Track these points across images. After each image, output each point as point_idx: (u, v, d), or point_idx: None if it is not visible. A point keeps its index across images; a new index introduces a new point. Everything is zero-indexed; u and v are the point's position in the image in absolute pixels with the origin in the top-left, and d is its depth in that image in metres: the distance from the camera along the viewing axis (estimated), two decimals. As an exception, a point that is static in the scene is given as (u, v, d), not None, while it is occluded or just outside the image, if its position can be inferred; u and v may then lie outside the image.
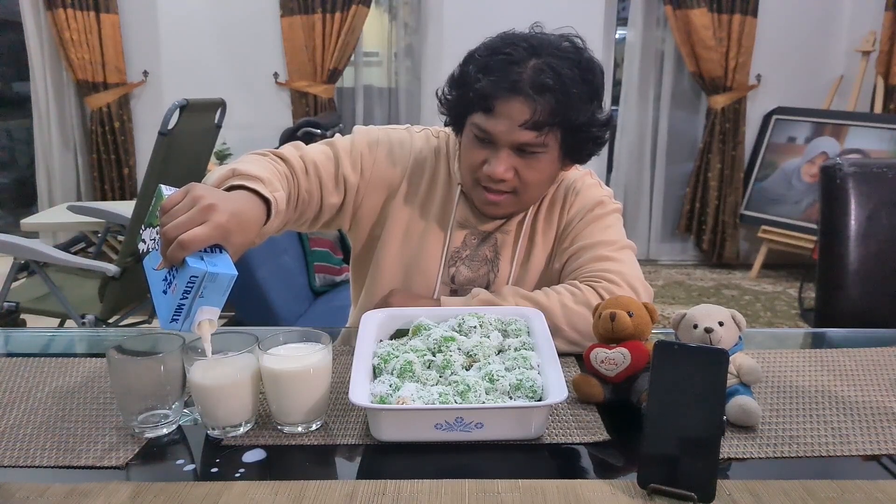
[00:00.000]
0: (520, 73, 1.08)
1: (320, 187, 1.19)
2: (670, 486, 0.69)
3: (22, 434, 0.83)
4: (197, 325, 0.81)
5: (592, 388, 0.89)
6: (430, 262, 1.24)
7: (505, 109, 1.09)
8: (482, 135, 1.12)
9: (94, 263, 2.51)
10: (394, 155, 1.25)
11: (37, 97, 4.34)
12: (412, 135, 1.29)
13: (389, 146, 1.25)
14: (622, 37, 4.65)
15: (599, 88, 1.14)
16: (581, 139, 1.14)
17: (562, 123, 1.10)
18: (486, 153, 1.13)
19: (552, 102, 1.07)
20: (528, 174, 1.14)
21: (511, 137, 1.10)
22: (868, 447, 0.81)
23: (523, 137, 1.10)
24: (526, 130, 1.09)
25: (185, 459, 0.78)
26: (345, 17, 4.18)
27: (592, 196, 1.26)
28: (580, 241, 1.21)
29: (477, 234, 1.26)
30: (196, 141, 2.70)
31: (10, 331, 1.30)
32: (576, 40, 1.15)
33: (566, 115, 1.09)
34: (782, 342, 1.22)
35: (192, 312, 0.81)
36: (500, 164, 1.11)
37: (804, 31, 4.35)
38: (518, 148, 1.11)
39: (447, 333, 0.94)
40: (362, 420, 0.85)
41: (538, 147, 1.11)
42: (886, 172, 1.47)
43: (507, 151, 1.12)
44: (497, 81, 1.08)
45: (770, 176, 4.39)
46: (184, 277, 0.79)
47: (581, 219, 1.23)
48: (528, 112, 1.07)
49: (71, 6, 4.11)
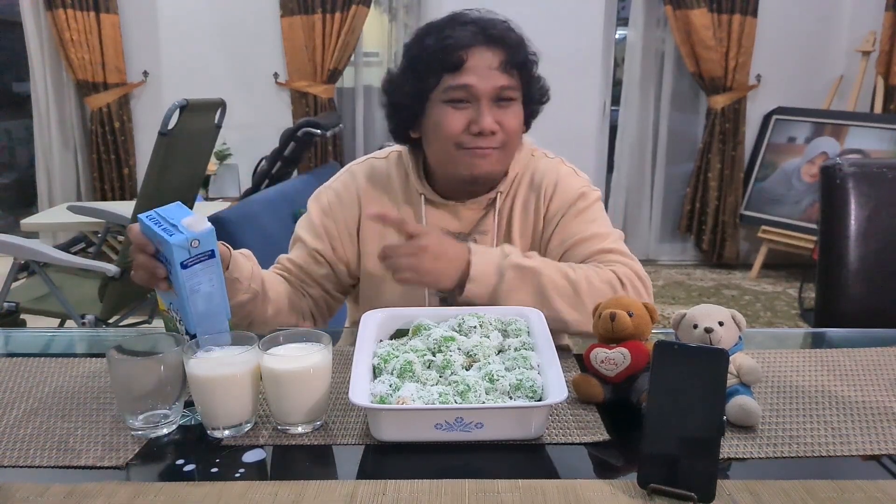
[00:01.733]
0: (483, 25, 1.17)
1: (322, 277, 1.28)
2: (670, 486, 0.69)
3: (22, 434, 0.83)
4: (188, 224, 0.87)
5: (592, 388, 0.89)
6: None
7: (476, 60, 1.15)
8: (459, 94, 1.16)
9: (94, 263, 2.51)
10: (343, 202, 1.30)
11: (37, 97, 4.34)
12: (353, 173, 1.32)
13: (337, 198, 1.30)
14: (622, 37, 4.65)
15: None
16: (530, 83, 1.22)
17: (522, 63, 1.19)
18: (468, 114, 1.17)
19: (513, 46, 1.17)
20: (509, 123, 1.18)
21: (489, 84, 1.15)
22: (868, 447, 0.81)
23: (500, 81, 1.16)
24: (501, 73, 1.16)
25: (185, 459, 0.78)
26: (345, 18, 4.18)
27: (572, 187, 1.26)
28: (572, 237, 1.22)
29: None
30: (196, 141, 2.71)
31: (10, 331, 1.30)
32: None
33: (524, 53, 1.19)
34: (782, 342, 1.22)
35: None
36: (487, 115, 1.16)
37: (804, 31, 4.35)
38: (496, 97, 1.17)
39: (447, 333, 0.94)
40: (362, 420, 0.85)
41: (512, 90, 1.18)
42: (886, 172, 1.47)
43: (488, 103, 1.16)
44: (462, 36, 1.16)
45: (770, 176, 4.39)
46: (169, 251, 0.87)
47: (565, 213, 1.24)
48: (499, 55, 1.16)
49: (71, 6, 4.11)
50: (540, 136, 1.32)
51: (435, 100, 1.18)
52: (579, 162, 1.33)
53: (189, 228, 0.87)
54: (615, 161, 4.69)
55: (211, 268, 0.89)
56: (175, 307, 0.92)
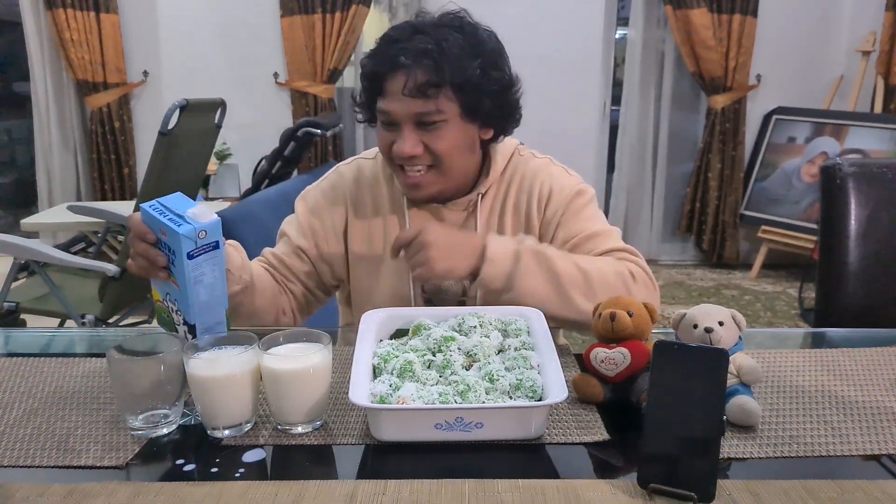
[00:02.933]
0: (402, 48, 1.12)
1: (304, 274, 1.28)
2: (670, 486, 0.69)
3: (22, 434, 0.83)
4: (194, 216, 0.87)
5: (592, 388, 0.89)
6: (404, 280, 1.24)
7: (392, 85, 1.13)
8: (383, 117, 1.17)
9: (94, 263, 2.51)
10: (330, 203, 1.30)
11: (37, 97, 4.34)
12: (341, 174, 1.32)
13: (325, 198, 1.30)
14: (622, 36, 4.65)
15: (487, 47, 1.16)
16: (476, 99, 1.14)
17: (449, 83, 1.11)
18: (394, 135, 1.16)
19: (431, 65, 1.10)
20: (437, 145, 1.15)
21: (404, 110, 1.12)
22: (868, 447, 0.81)
23: (414, 107, 1.12)
24: (413, 99, 1.11)
25: (185, 459, 0.78)
26: (345, 17, 4.18)
27: (568, 186, 1.25)
28: (576, 234, 1.21)
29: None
30: (196, 141, 2.71)
31: (10, 331, 1.30)
32: (460, 13, 1.18)
33: (451, 73, 1.10)
34: (782, 342, 1.22)
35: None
36: (404, 142, 1.14)
37: (804, 31, 4.35)
38: (418, 122, 1.13)
39: (447, 333, 0.94)
40: (362, 420, 0.85)
41: (434, 115, 1.12)
42: (886, 172, 1.47)
43: (410, 127, 1.14)
44: (380, 61, 1.14)
45: (770, 176, 4.39)
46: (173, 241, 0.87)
47: (564, 212, 1.23)
48: (418, 78, 1.10)
49: (71, 6, 4.11)
50: (540, 136, 1.33)
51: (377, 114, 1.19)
52: (579, 162, 1.33)
53: (196, 219, 0.87)
54: (615, 161, 4.68)
55: (216, 259, 0.90)
56: (172, 297, 0.92)
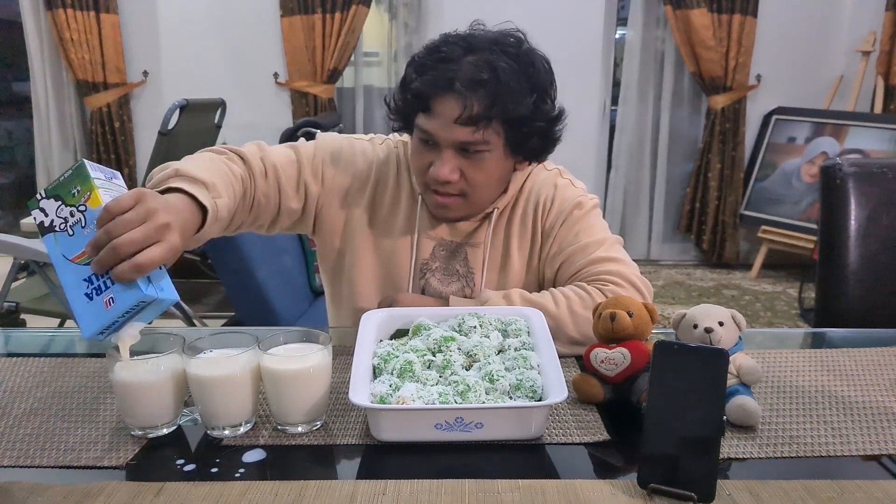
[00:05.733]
0: (455, 70, 1.07)
1: (279, 191, 1.18)
2: (670, 486, 0.69)
3: (22, 434, 0.83)
4: (118, 338, 0.79)
5: (592, 388, 0.89)
6: (401, 272, 1.23)
7: (440, 108, 1.08)
8: (424, 136, 1.12)
9: (94, 263, 2.50)
10: (355, 165, 1.24)
11: (37, 97, 4.34)
12: (375, 146, 1.28)
13: (352, 156, 1.25)
14: (622, 36, 4.65)
15: (542, 80, 1.11)
16: (524, 134, 1.11)
17: (501, 117, 1.08)
18: (432, 155, 1.12)
19: (486, 97, 1.06)
20: (474, 175, 1.12)
21: (449, 136, 1.09)
22: (868, 447, 0.81)
23: (461, 135, 1.08)
24: (462, 127, 1.07)
25: (185, 459, 0.78)
26: (345, 18, 4.18)
27: (569, 198, 1.23)
28: (569, 246, 1.19)
29: (445, 246, 1.24)
30: (196, 141, 2.71)
31: (10, 331, 1.30)
32: (517, 34, 1.13)
33: (504, 108, 1.07)
34: (782, 342, 1.22)
35: (121, 327, 0.78)
36: (443, 165, 1.10)
37: (804, 31, 4.35)
38: (460, 147, 1.10)
39: (447, 333, 0.94)
40: (362, 420, 0.85)
41: (479, 145, 1.09)
42: (886, 172, 1.47)
43: (451, 152, 1.11)
44: (431, 80, 1.08)
45: (770, 176, 4.39)
46: (127, 298, 0.75)
47: (563, 223, 1.21)
48: (461, 108, 1.06)
49: (71, 6, 4.11)
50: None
51: (415, 127, 1.14)
52: (579, 162, 1.33)
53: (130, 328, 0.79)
54: (615, 161, 4.67)
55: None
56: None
